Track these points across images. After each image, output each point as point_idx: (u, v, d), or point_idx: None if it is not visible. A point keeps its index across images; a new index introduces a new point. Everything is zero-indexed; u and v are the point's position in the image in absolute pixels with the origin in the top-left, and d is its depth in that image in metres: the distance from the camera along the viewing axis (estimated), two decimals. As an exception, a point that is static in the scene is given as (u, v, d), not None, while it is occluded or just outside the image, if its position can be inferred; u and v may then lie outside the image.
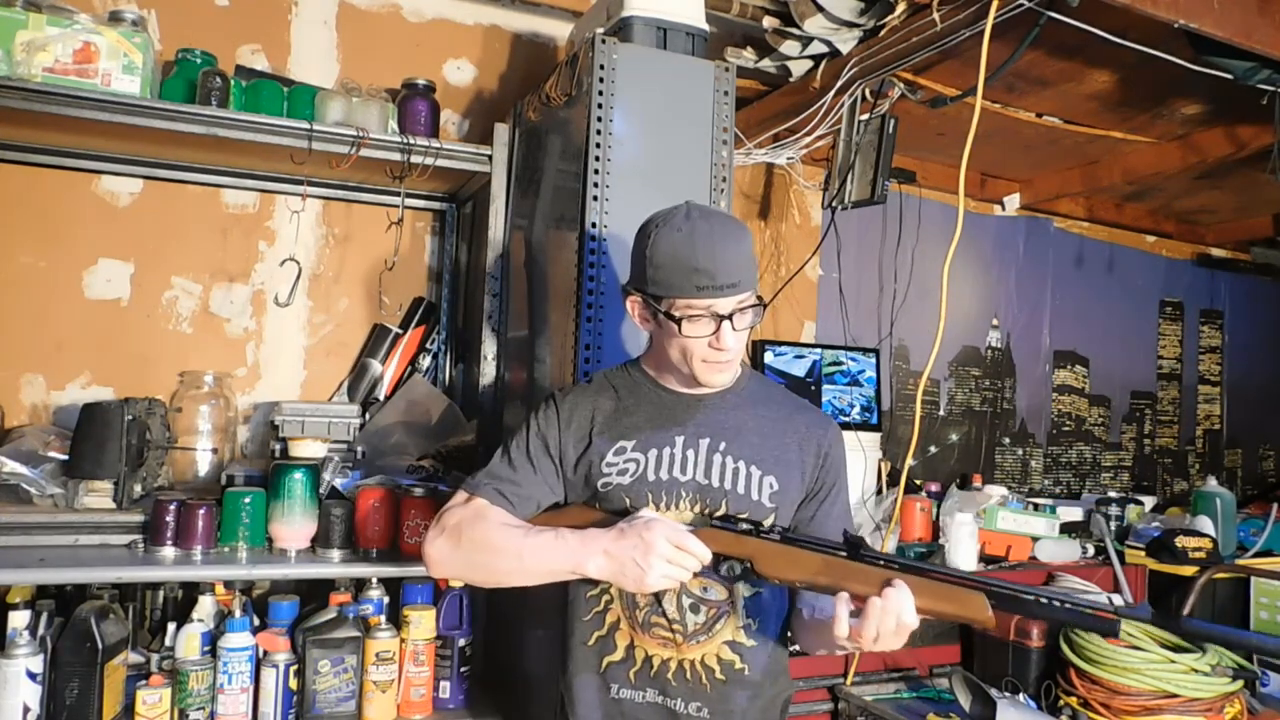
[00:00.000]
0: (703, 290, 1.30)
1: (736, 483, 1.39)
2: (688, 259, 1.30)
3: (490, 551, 1.35)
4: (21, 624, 1.63)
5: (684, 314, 1.32)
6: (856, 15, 2.21)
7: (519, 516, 1.40)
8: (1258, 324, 4.40)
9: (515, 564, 1.34)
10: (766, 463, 1.41)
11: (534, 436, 1.45)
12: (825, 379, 3.07)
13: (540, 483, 1.43)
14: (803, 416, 1.48)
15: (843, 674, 2.31)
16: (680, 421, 1.42)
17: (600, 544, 1.29)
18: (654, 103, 1.91)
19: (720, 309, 1.32)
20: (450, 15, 2.71)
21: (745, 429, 1.43)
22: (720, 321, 1.32)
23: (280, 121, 2.06)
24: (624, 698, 1.38)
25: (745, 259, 1.34)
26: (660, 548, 1.25)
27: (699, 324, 1.33)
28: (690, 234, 1.31)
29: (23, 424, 2.24)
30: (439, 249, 2.70)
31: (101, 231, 2.35)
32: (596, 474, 1.40)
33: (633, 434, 1.41)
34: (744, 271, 1.33)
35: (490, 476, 1.43)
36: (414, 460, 2.20)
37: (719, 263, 1.30)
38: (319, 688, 1.78)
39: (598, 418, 1.44)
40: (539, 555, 1.32)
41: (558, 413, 1.45)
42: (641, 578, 1.26)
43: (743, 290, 1.32)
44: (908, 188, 3.25)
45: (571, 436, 1.43)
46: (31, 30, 1.86)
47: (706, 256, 1.29)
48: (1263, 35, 1.94)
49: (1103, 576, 2.61)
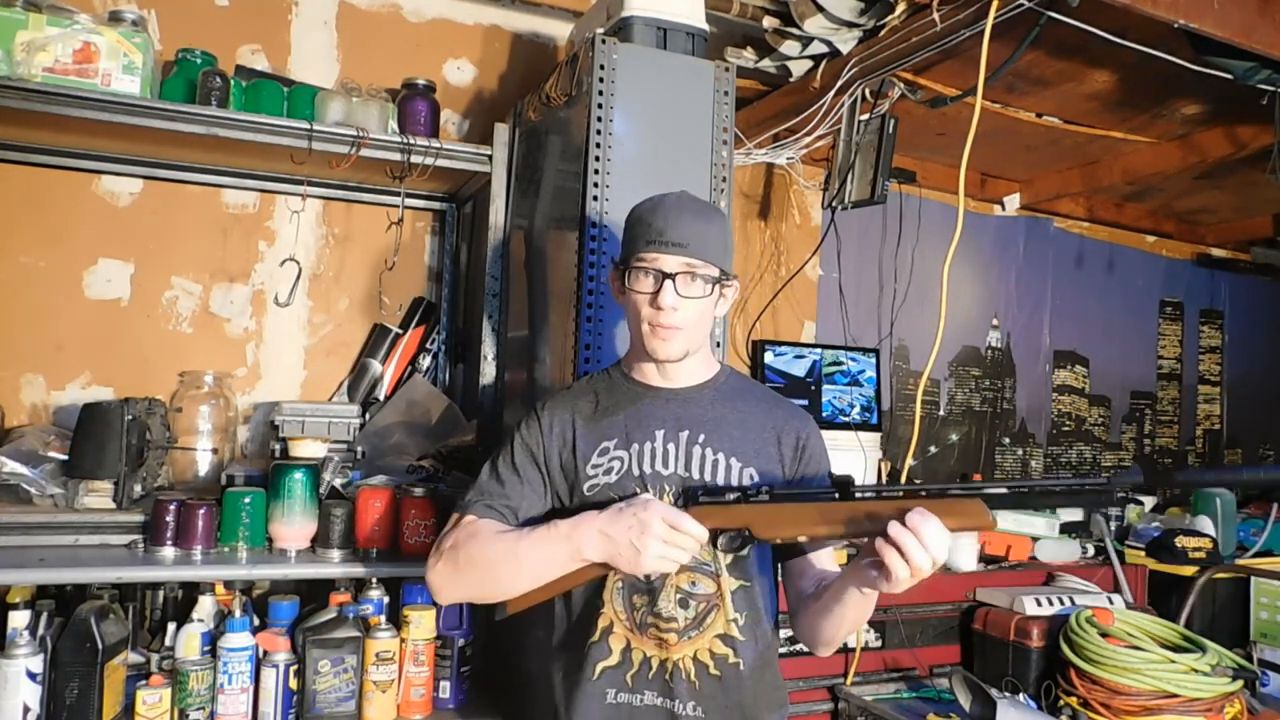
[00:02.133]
0: (650, 244, 1.36)
1: (717, 474, 1.39)
2: (646, 217, 1.38)
3: (488, 564, 1.35)
4: (21, 624, 1.63)
5: (631, 267, 1.38)
6: (856, 15, 2.21)
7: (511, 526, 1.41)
8: (1258, 324, 4.40)
9: (514, 568, 1.33)
10: (746, 454, 1.42)
11: (519, 448, 1.45)
12: (825, 379, 3.07)
13: (528, 492, 1.43)
14: (780, 410, 1.50)
15: (843, 674, 2.31)
16: (660, 416, 1.43)
17: (595, 524, 1.29)
18: (654, 103, 1.91)
19: (665, 266, 1.35)
20: (450, 15, 2.71)
21: (725, 422, 1.44)
22: (662, 280, 1.35)
23: (280, 121, 2.05)
24: (622, 702, 1.37)
25: (704, 231, 1.37)
26: (656, 528, 1.25)
27: (643, 280, 1.37)
28: (659, 200, 1.40)
29: (23, 424, 2.24)
30: (439, 249, 2.70)
31: (101, 231, 2.36)
32: (582, 477, 1.40)
33: (614, 433, 1.42)
34: (698, 238, 1.36)
35: (478, 493, 1.43)
36: (414, 460, 2.20)
37: (671, 223, 1.36)
38: (319, 688, 1.78)
39: (578, 421, 1.45)
40: (535, 553, 1.32)
41: (539, 422, 1.46)
42: (636, 559, 1.26)
43: (692, 254, 1.36)
44: (908, 188, 3.26)
45: (555, 443, 1.44)
46: (31, 30, 1.86)
47: (662, 217, 1.37)
48: (1263, 35, 1.94)
49: (1103, 576, 2.61)
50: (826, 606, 1.35)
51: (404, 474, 2.10)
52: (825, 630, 1.39)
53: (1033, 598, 2.34)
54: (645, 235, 1.37)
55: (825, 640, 1.42)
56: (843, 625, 1.36)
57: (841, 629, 1.38)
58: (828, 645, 1.43)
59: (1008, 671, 2.30)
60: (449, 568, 1.37)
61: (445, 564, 1.37)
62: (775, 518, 1.28)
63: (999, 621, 2.36)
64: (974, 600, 2.48)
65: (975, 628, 2.42)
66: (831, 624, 1.37)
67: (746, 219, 3.18)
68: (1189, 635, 2.21)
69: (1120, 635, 2.16)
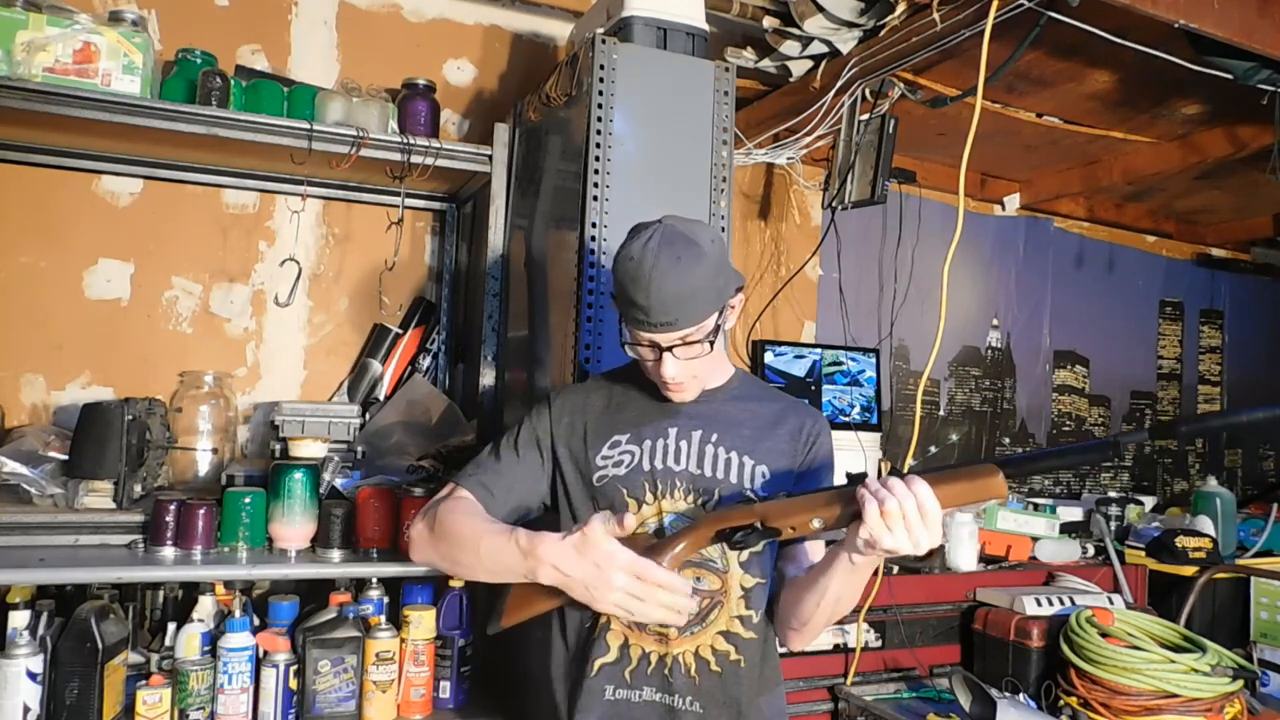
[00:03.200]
0: (640, 324, 1.33)
1: (729, 472, 1.40)
2: (630, 292, 1.31)
3: (455, 541, 1.39)
4: (21, 624, 1.63)
5: (632, 337, 1.38)
6: (856, 15, 2.21)
7: (497, 507, 1.43)
8: (1258, 324, 4.40)
9: (474, 558, 1.35)
10: (758, 453, 1.42)
11: (524, 431, 1.49)
12: (825, 379, 3.07)
13: (523, 472, 1.46)
14: (792, 409, 1.51)
15: (843, 674, 2.31)
16: (673, 414, 1.45)
17: (551, 555, 1.27)
18: (654, 103, 1.91)
19: (659, 342, 1.34)
20: (450, 15, 2.71)
21: (737, 421, 1.45)
22: (661, 353, 1.35)
23: (280, 121, 2.05)
24: (620, 698, 1.37)
25: (689, 294, 1.30)
26: (616, 580, 1.25)
27: (643, 350, 1.37)
28: (639, 265, 1.30)
29: (23, 424, 2.24)
30: (439, 249, 2.70)
31: (101, 231, 2.36)
32: (592, 468, 1.42)
33: (626, 427, 1.44)
34: (684, 308, 1.30)
35: (475, 467, 1.49)
36: (414, 460, 2.20)
37: (654, 300, 1.29)
38: (319, 688, 1.78)
39: (590, 413, 1.47)
40: (492, 553, 1.33)
41: (549, 408, 1.50)
42: (593, 601, 1.27)
43: (681, 327, 1.32)
44: (908, 188, 3.25)
45: (563, 431, 1.47)
46: (31, 30, 1.86)
47: (644, 293, 1.29)
48: (1263, 35, 1.94)
49: (1103, 576, 2.61)
50: (812, 578, 1.34)
51: (404, 474, 2.10)
52: (804, 605, 1.35)
53: (1033, 598, 2.34)
54: (632, 314, 1.33)
55: (801, 619, 1.37)
56: (823, 601, 1.32)
57: (821, 607, 1.33)
58: (801, 625, 1.38)
59: (1008, 671, 2.30)
60: (426, 530, 1.44)
61: (423, 525, 1.45)
62: (789, 506, 1.29)
63: (999, 621, 2.36)
64: (974, 600, 2.48)
65: (975, 628, 2.42)
66: (812, 598, 1.33)
67: (746, 219, 3.18)
68: (1189, 635, 2.21)
69: (1120, 635, 2.16)
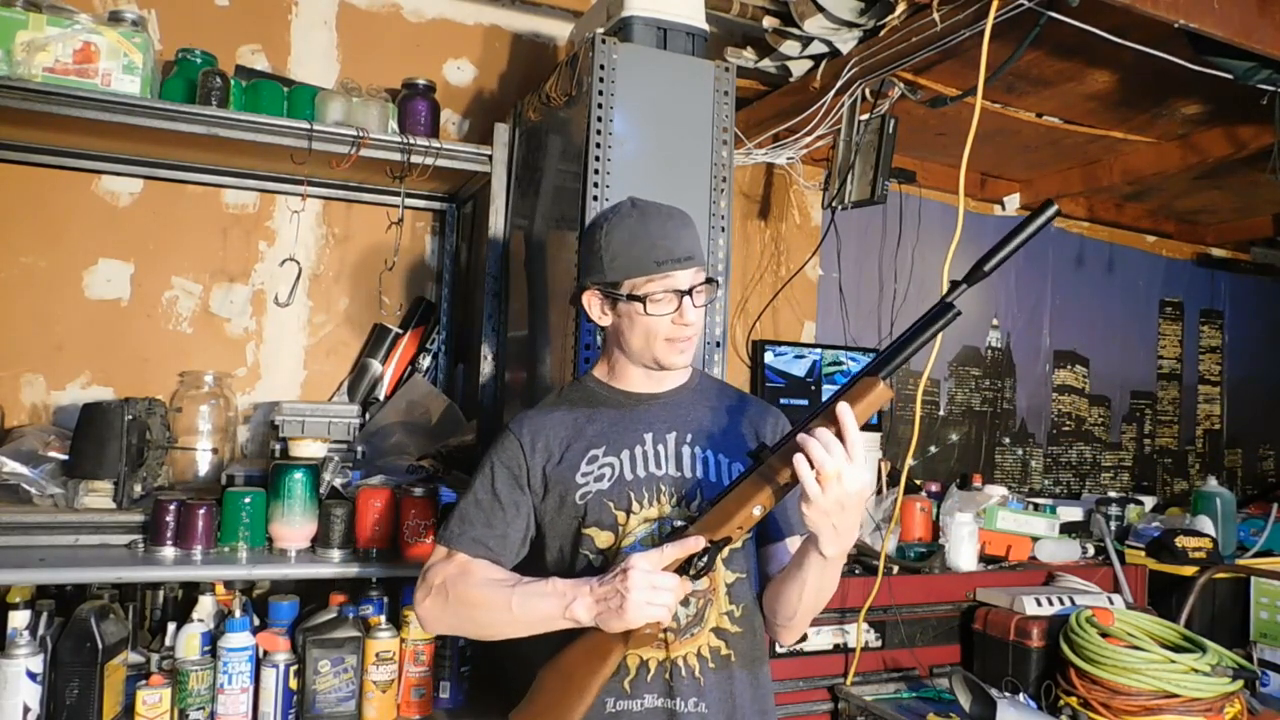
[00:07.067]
0: (662, 265, 1.36)
1: (708, 471, 1.41)
2: (645, 237, 1.37)
3: (479, 607, 1.34)
4: (21, 624, 1.63)
5: (646, 293, 1.37)
6: (856, 15, 2.21)
7: (503, 563, 1.39)
8: (1258, 324, 4.40)
9: (506, 616, 1.32)
10: (731, 449, 1.44)
11: (500, 471, 1.43)
12: (825, 379, 3.07)
13: (512, 516, 1.41)
14: (750, 405, 1.54)
15: (843, 674, 2.31)
16: (646, 421, 1.44)
17: (587, 589, 1.28)
18: (654, 103, 1.91)
19: (679, 284, 1.37)
20: (450, 15, 2.71)
21: (705, 421, 1.46)
22: (681, 297, 1.37)
23: (280, 121, 2.06)
24: (621, 710, 1.35)
25: (695, 237, 1.41)
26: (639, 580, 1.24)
27: (661, 303, 1.38)
28: (643, 217, 1.39)
29: (23, 424, 2.24)
30: (439, 249, 2.70)
31: (101, 231, 2.36)
32: (573, 488, 1.39)
33: (601, 441, 1.42)
34: (696, 247, 1.40)
35: (464, 524, 1.41)
36: (414, 460, 2.20)
37: (673, 239, 1.37)
38: (319, 688, 1.78)
39: (561, 434, 1.43)
40: (528, 605, 1.31)
41: (519, 441, 1.44)
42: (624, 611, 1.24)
43: (698, 264, 1.39)
44: (908, 188, 3.26)
45: (539, 460, 1.42)
46: (31, 30, 1.87)
47: (661, 234, 1.37)
48: (1263, 35, 1.94)
49: (1103, 576, 2.61)
50: (788, 573, 1.36)
51: (404, 474, 2.10)
52: (787, 599, 1.37)
53: (1033, 598, 2.34)
54: (654, 255, 1.36)
55: (787, 613, 1.39)
56: (804, 593, 1.34)
57: (803, 600, 1.35)
58: (788, 620, 1.40)
59: (1008, 671, 2.30)
60: (438, 604, 1.37)
61: (434, 601, 1.37)
62: (722, 513, 1.28)
63: (999, 621, 2.35)
64: (974, 600, 2.48)
65: (975, 628, 2.42)
66: (792, 591, 1.35)
67: (746, 219, 3.18)
68: (1189, 635, 2.21)
69: (1120, 635, 2.16)
